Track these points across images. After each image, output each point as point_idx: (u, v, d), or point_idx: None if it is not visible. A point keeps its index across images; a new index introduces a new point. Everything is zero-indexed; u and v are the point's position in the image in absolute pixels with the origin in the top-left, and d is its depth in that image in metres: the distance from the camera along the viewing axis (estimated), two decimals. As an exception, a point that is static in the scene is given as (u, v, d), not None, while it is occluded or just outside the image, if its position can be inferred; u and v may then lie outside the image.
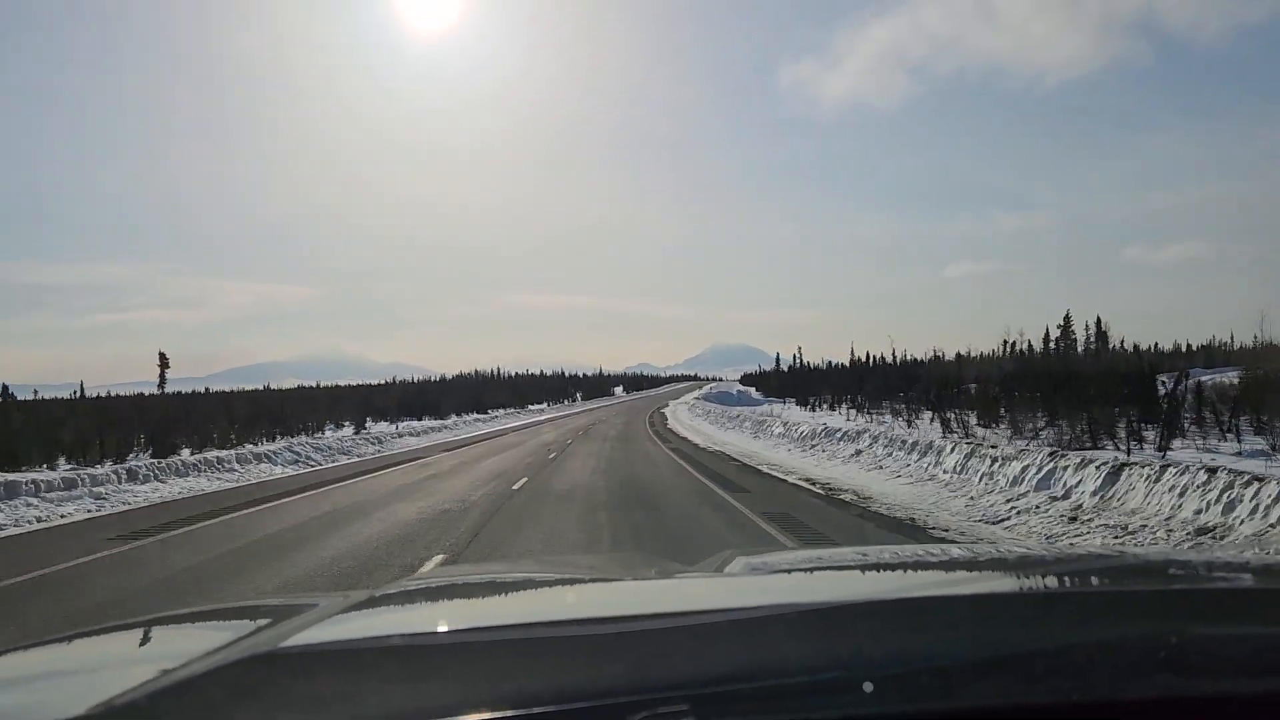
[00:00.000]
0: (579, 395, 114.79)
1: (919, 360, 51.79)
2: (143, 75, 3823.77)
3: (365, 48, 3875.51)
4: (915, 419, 27.44)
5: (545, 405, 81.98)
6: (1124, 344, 42.93)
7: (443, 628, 1.25)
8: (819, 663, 0.90)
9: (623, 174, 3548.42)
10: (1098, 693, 0.82)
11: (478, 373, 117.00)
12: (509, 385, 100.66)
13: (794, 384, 70.98)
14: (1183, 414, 18.67)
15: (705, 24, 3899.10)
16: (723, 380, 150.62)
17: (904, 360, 53.51)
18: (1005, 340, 35.58)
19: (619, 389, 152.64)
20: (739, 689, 0.82)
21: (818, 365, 78.54)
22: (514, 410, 65.69)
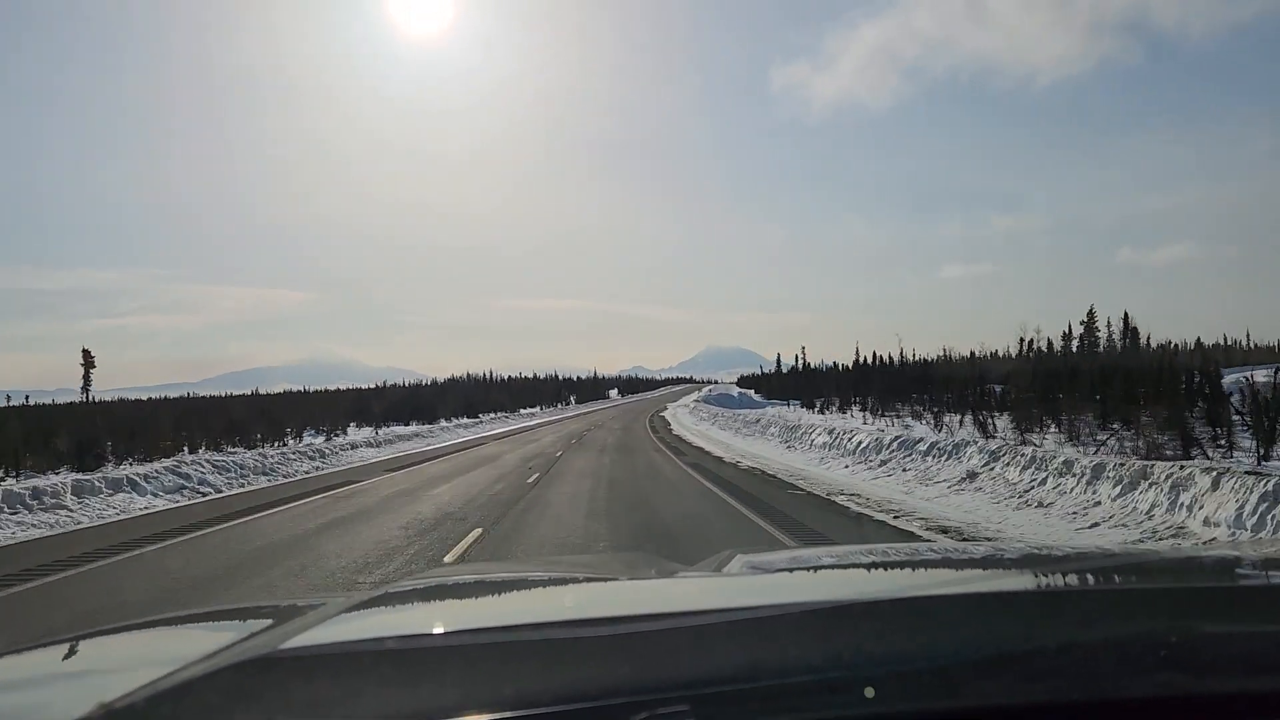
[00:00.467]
0: (573, 398, 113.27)
1: (927, 360, 50.02)
2: (138, 80, 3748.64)
3: (360, 53, 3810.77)
4: (941, 422, 25.38)
5: (538, 409, 79.74)
6: (1150, 341, 41.11)
7: (443, 629, 1.23)
8: (820, 662, 0.89)
9: (615, 178, 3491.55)
10: (1099, 691, 0.82)
11: (470, 376, 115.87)
12: (502, 389, 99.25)
13: (795, 386, 69.68)
14: (1240, 416, 16.64)
15: (696, 28, 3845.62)
16: (719, 383, 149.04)
17: (913, 360, 51.67)
18: (1021, 338, 33.81)
19: (613, 392, 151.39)
20: (740, 689, 0.82)
21: (816, 367, 76.84)
22: (504, 415, 63.27)
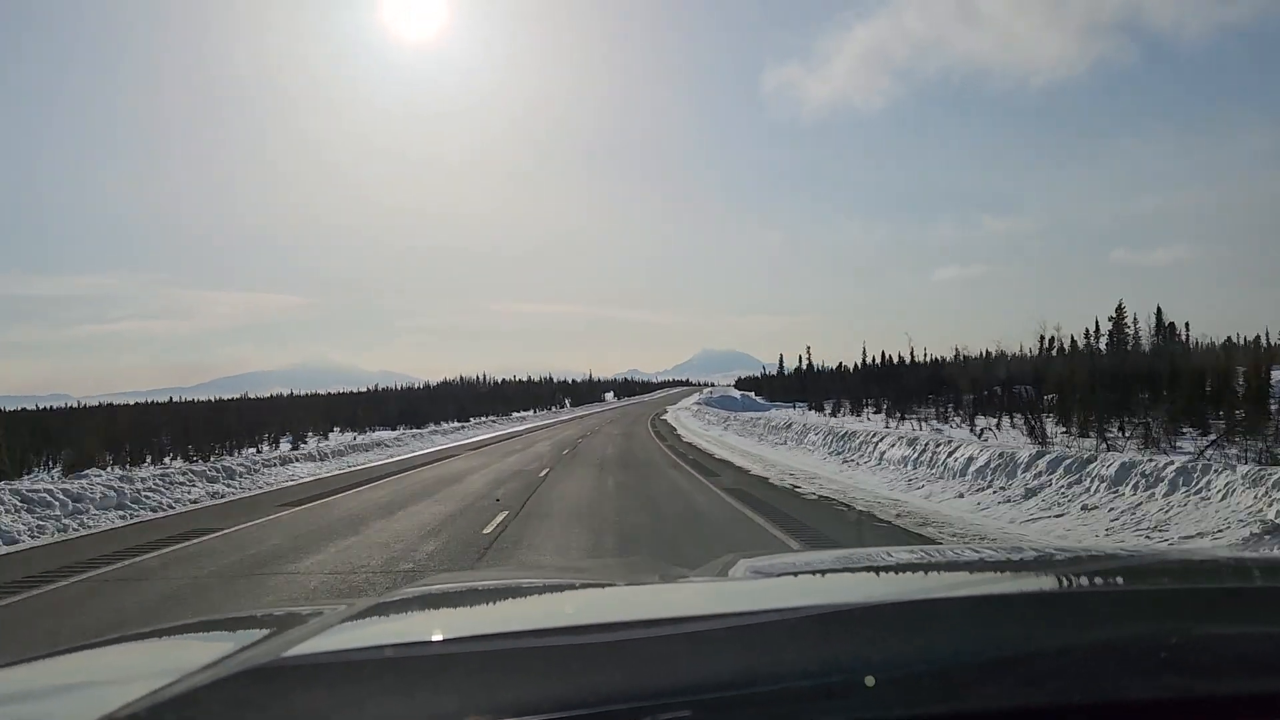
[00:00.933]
0: (568, 401, 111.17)
1: (940, 360, 47.89)
2: (132, 85, 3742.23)
3: (352, 57, 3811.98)
4: (975, 425, 23.15)
5: (530, 413, 77.42)
6: (1187, 338, 38.97)
7: (443, 637, 1.23)
8: (821, 667, 0.89)
9: (609, 181, 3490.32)
10: (1100, 694, 0.82)
11: (463, 380, 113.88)
12: (495, 392, 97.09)
13: (798, 388, 67.71)
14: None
15: (689, 30, 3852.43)
16: (716, 385, 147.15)
17: (925, 361, 49.57)
18: (1041, 336, 31.60)
19: (609, 395, 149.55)
20: (741, 695, 0.81)
21: (819, 369, 74.76)
22: (495, 419, 60.84)
